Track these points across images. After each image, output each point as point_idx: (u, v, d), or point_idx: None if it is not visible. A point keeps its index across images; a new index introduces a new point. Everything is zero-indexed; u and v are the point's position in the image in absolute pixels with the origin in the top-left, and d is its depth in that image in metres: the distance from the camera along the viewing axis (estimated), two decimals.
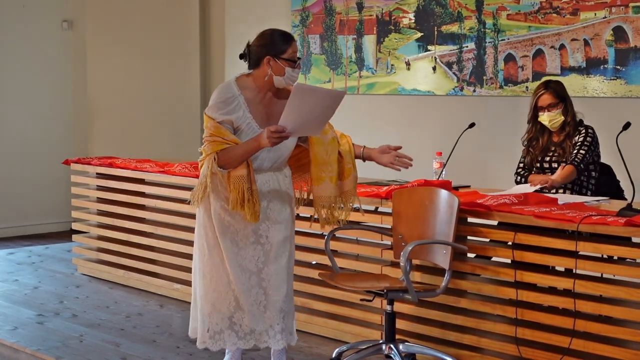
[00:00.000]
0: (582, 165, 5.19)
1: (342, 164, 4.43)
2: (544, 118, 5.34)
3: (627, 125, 4.87)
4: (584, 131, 5.30)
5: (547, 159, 5.40)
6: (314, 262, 5.59)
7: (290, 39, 4.27)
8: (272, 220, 4.31)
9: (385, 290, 4.60)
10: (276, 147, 4.17)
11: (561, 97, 5.33)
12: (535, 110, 5.39)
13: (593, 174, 5.34)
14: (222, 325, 4.34)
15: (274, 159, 4.27)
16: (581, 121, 5.38)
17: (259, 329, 4.32)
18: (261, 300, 4.32)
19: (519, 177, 5.50)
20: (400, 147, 4.46)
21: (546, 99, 5.33)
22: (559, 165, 5.30)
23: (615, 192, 5.37)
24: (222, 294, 4.32)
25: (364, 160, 4.51)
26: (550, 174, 5.35)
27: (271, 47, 4.21)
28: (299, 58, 4.28)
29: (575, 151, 5.24)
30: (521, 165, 5.52)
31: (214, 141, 4.14)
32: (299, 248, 5.41)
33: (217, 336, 4.35)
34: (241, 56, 4.30)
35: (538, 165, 5.44)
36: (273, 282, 4.32)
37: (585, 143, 5.24)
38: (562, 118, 5.32)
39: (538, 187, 5.09)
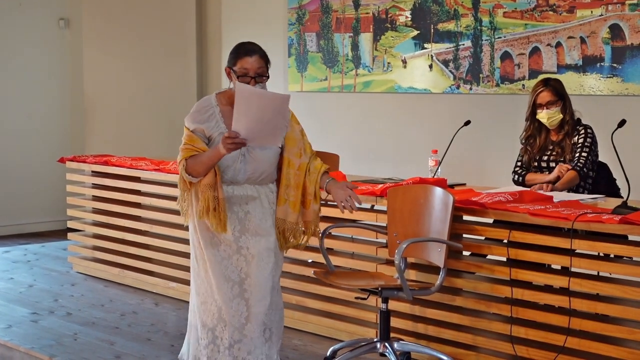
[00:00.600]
0: (585, 169, 5.18)
1: (305, 194, 4.38)
2: (543, 115, 5.31)
3: (622, 123, 4.85)
4: (583, 131, 5.28)
5: (545, 157, 5.38)
6: (309, 260, 5.58)
7: (244, 53, 4.18)
8: (251, 232, 4.21)
9: (380, 288, 4.58)
10: (250, 159, 4.14)
11: (560, 95, 5.31)
12: (534, 107, 5.36)
13: (590, 173, 5.32)
14: (208, 339, 4.24)
15: (249, 171, 4.19)
16: (579, 120, 5.36)
17: (239, 342, 4.20)
18: (242, 311, 4.20)
19: (516, 176, 5.48)
20: (356, 187, 4.36)
21: (545, 96, 5.31)
22: (557, 164, 5.28)
23: (612, 190, 5.36)
24: (208, 305, 4.25)
25: (327, 193, 4.43)
26: (547, 172, 5.34)
27: (229, 57, 4.23)
28: (257, 76, 4.16)
29: (577, 154, 5.21)
30: (519, 164, 5.50)
31: (185, 149, 4.15)
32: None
33: (204, 350, 4.28)
34: None
35: (536, 164, 5.42)
36: (255, 293, 4.20)
37: (586, 144, 5.22)
38: (561, 116, 5.30)
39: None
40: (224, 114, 4.20)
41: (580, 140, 5.24)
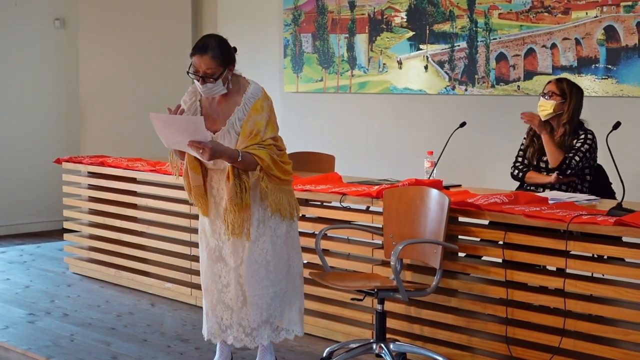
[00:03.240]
0: (569, 170, 5.19)
1: None
2: (539, 102, 5.35)
3: (617, 125, 4.87)
4: (583, 136, 5.28)
5: (545, 158, 5.38)
6: (305, 262, 5.57)
7: (197, 49, 4.34)
8: (223, 218, 4.43)
9: (375, 290, 4.60)
10: None
11: (563, 93, 5.31)
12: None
13: (587, 177, 5.33)
14: (206, 316, 4.67)
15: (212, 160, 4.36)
16: (581, 124, 5.36)
17: (211, 318, 4.59)
18: (214, 294, 4.56)
19: (516, 171, 5.45)
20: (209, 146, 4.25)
21: (550, 86, 5.37)
22: None
23: (607, 194, 5.36)
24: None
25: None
26: (545, 173, 5.35)
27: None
28: (206, 76, 4.31)
29: (570, 155, 5.22)
30: (519, 159, 5.46)
31: None
32: None
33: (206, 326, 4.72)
34: None
35: (535, 163, 5.42)
36: (225, 280, 4.52)
37: (582, 149, 5.22)
38: (551, 111, 5.30)
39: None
40: (202, 103, 4.47)
41: (578, 145, 5.25)
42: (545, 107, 5.33)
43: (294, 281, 4.58)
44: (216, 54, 4.29)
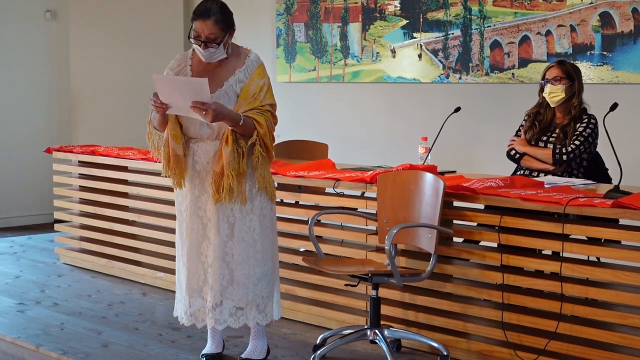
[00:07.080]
0: (564, 156, 5.13)
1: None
2: (547, 90, 5.27)
3: (614, 106, 4.82)
4: (586, 120, 5.22)
5: (545, 138, 5.31)
6: (302, 250, 5.53)
7: (198, 14, 4.28)
8: (210, 193, 4.34)
9: (370, 275, 4.54)
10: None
11: (569, 75, 5.26)
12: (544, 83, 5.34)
13: (584, 162, 5.28)
14: (180, 296, 4.56)
15: (212, 126, 4.28)
16: (585, 109, 5.31)
17: (196, 301, 4.44)
18: (200, 274, 4.43)
19: (513, 151, 5.37)
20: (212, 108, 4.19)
21: (553, 71, 5.28)
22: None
23: (603, 180, 5.31)
24: (179, 266, 4.55)
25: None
26: None
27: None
28: (209, 41, 4.26)
29: (570, 140, 5.17)
30: (519, 136, 5.39)
31: None
32: (282, 234, 5.35)
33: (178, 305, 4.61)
34: None
35: (533, 143, 5.35)
36: (210, 259, 4.40)
37: (584, 134, 5.16)
38: (563, 95, 5.22)
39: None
40: (193, 68, 4.39)
41: (580, 129, 5.19)
42: (557, 93, 5.24)
43: (275, 263, 4.54)
44: (218, 19, 4.26)
